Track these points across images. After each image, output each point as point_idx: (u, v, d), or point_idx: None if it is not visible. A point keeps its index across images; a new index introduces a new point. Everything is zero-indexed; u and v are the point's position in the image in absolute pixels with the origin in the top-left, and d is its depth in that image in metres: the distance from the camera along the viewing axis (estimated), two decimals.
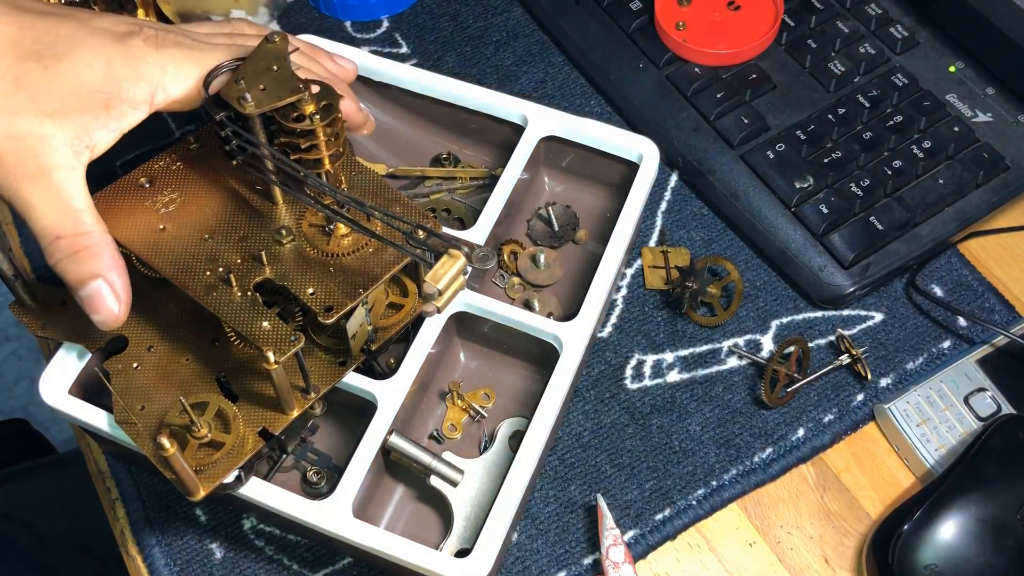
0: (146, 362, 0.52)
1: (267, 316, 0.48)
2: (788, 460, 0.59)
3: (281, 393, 0.49)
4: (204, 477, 0.48)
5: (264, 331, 0.47)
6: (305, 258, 0.50)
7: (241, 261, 0.50)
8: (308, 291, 0.49)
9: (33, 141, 0.46)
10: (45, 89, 0.46)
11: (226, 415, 0.50)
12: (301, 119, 0.48)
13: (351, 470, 0.51)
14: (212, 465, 0.49)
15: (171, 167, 0.54)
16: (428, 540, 0.53)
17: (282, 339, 0.47)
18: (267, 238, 0.51)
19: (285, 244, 0.51)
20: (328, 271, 0.49)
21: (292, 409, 0.50)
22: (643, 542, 0.57)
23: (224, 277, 0.49)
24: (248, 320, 0.48)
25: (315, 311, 0.48)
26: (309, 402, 0.51)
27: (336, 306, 0.48)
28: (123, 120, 0.47)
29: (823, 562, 0.57)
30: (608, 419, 0.60)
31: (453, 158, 0.68)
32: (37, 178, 0.46)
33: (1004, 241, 0.67)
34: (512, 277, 0.64)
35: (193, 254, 0.50)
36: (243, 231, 0.51)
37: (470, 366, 0.62)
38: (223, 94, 0.47)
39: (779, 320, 0.64)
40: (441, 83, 0.64)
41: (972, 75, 0.69)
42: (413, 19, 0.77)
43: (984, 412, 0.59)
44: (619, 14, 0.73)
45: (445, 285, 0.44)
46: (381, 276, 0.49)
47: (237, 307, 0.48)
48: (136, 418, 0.50)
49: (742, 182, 0.66)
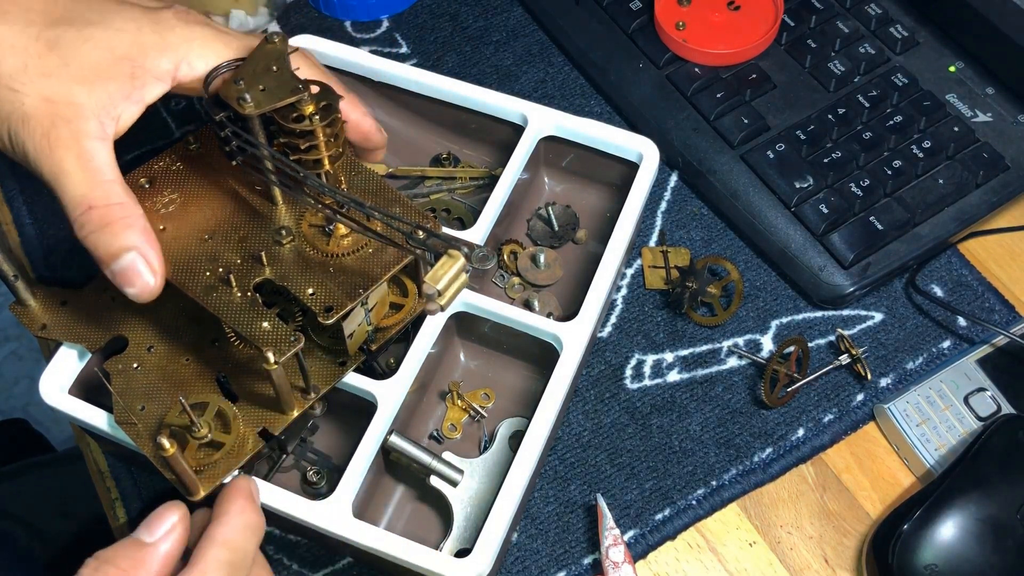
0: (146, 362, 0.52)
1: (267, 316, 0.48)
2: (788, 460, 0.59)
3: (281, 393, 0.49)
4: (204, 477, 0.48)
5: (264, 331, 0.47)
6: (305, 258, 0.50)
7: (241, 261, 0.50)
8: (308, 291, 0.49)
9: (66, 107, 0.45)
10: (75, 53, 0.46)
11: (226, 415, 0.50)
12: (301, 119, 0.48)
13: (351, 470, 0.51)
14: (212, 465, 0.49)
15: (170, 168, 0.53)
16: (428, 540, 0.53)
17: (282, 339, 0.47)
18: (267, 239, 0.51)
19: (285, 244, 0.51)
20: (328, 271, 0.49)
21: (292, 409, 0.50)
22: (643, 542, 0.57)
23: (224, 277, 0.49)
24: (248, 320, 0.48)
25: (315, 311, 0.48)
26: (309, 402, 0.51)
27: (336, 306, 0.48)
28: (147, 91, 0.47)
29: (823, 562, 0.57)
30: (608, 419, 0.60)
31: (453, 158, 0.68)
32: (71, 145, 0.45)
33: (1004, 241, 0.67)
34: (512, 277, 0.64)
35: (193, 255, 0.50)
36: (243, 232, 0.51)
37: (470, 366, 0.62)
38: (222, 94, 0.47)
39: (779, 320, 0.64)
40: (441, 83, 0.64)
41: (972, 75, 0.69)
42: (413, 19, 0.77)
43: (984, 412, 0.59)
44: (619, 14, 0.73)
45: (445, 285, 0.44)
46: (381, 276, 0.49)
47: (237, 308, 0.48)
48: (136, 418, 0.50)
49: (742, 182, 0.66)
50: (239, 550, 0.45)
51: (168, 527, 0.44)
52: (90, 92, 0.46)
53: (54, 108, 0.45)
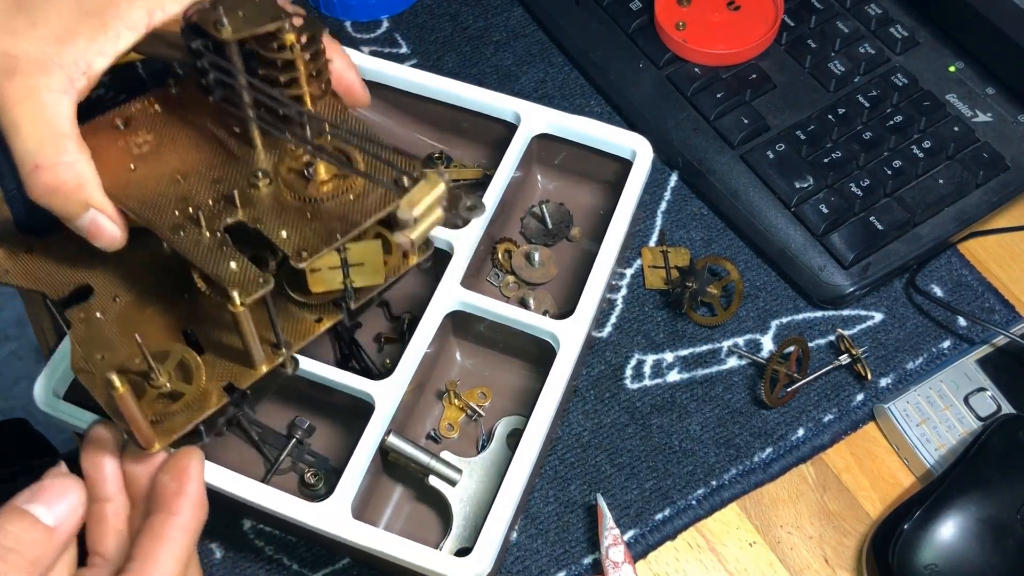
0: (110, 312, 0.49)
1: (235, 258, 0.45)
2: (788, 460, 0.59)
3: (248, 343, 0.46)
4: (161, 430, 0.45)
5: (231, 272, 0.44)
6: (281, 202, 0.47)
7: (212, 202, 0.47)
8: (282, 234, 0.46)
9: (27, 62, 0.44)
10: (44, 13, 0.45)
11: (188, 365, 0.47)
12: (282, 50, 0.45)
13: (349, 471, 0.51)
14: (170, 416, 0.45)
15: (148, 110, 0.51)
16: (427, 540, 0.52)
17: (250, 281, 0.44)
18: (242, 182, 0.48)
19: (261, 188, 0.48)
20: (305, 216, 0.47)
21: (261, 363, 0.47)
22: (643, 542, 0.57)
23: (193, 217, 0.46)
24: (215, 260, 0.45)
25: (287, 254, 0.45)
26: (279, 358, 0.48)
27: (310, 249, 0.45)
28: (120, 41, 0.46)
29: (823, 562, 0.57)
30: (608, 419, 0.60)
31: (445, 157, 0.68)
32: (25, 98, 0.44)
33: (1004, 241, 0.67)
34: (507, 275, 0.64)
35: (163, 194, 0.47)
36: (218, 173, 0.48)
37: (466, 365, 0.62)
38: (199, 20, 0.45)
39: (779, 320, 0.64)
40: (433, 82, 0.63)
41: (972, 75, 0.69)
42: (413, 19, 0.77)
43: (984, 412, 0.59)
44: (619, 14, 0.73)
45: (421, 213, 0.41)
46: (360, 223, 0.46)
47: (204, 247, 0.45)
48: (93, 366, 0.47)
49: (742, 182, 0.66)
50: (190, 547, 0.42)
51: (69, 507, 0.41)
52: (59, 50, 0.45)
53: (15, 63, 0.44)
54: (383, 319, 0.63)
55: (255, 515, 0.57)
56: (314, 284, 0.49)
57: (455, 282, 0.56)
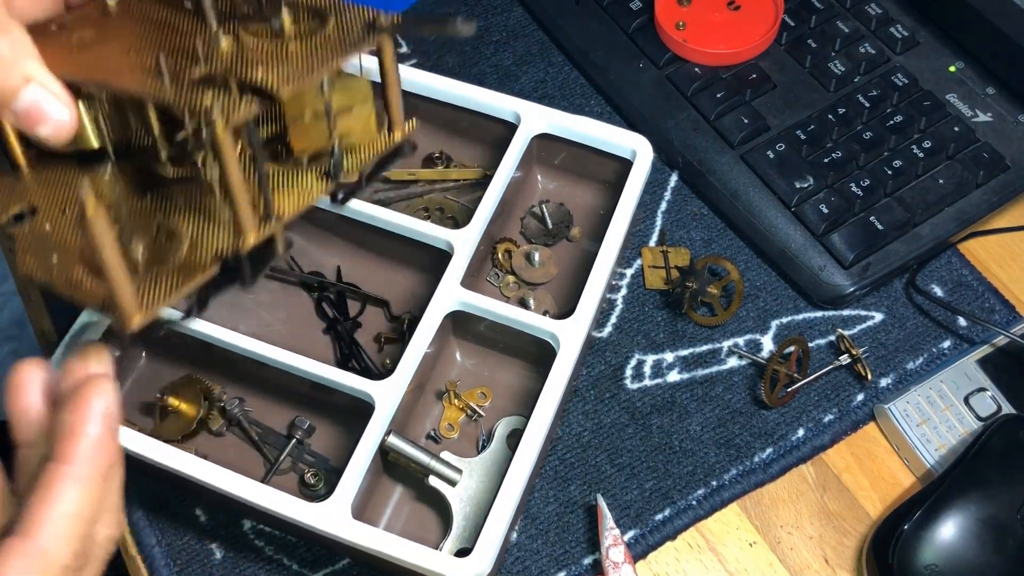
0: (61, 222, 0.42)
1: (211, 91, 0.39)
2: (788, 460, 0.59)
3: (234, 193, 0.40)
4: (146, 298, 0.38)
5: (208, 100, 0.39)
6: (247, 52, 0.41)
7: (173, 60, 0.41)
8: (257, 75, 0.40)
9: None
10: None
11: (174, 232, 0.41)
12: None
13: (349, 471, 0.51)
14: (155, 279, 0.38)
15: (88, 13, 0.45)
16: (428, 540, 0.52)
17: (232, 104, 0.38)
18: (202, 44, 0.42)
19: (223, 44, 0.42)
20: (276, 58, 0.42)
21: (250, 232, 0.41)
22: (643, 542, 0.57)
23: (156, 71, 0.40)
24: (188, 96, 0.39)
25: (269, 86, 0.40)
26: (270, 227, 0.42)
27: (293, 77, 0.40)
28: None
29: (823, 562, 0.57)
30: (608, 419, 0.60)
31: (445, 157, 0.68)
32: None
33: (1004, 241, 0.67)
34: (507, 275, 0.64)
35: (117, 62, 0.41)
36: (172, 44, 0.43)
37: (466, 365, 0.62)
38: None
39: (779, 320, 0.64)
40: (433, 81, 0.63)
41: (972, 75, 0.69)
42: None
43: (984, 412, 0.59)
44: (619, 14, 0.73)
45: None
46: (340, 55, 0.42)
47: (174, 90, 0.39)
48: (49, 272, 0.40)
49: (742, 182, 0.66)
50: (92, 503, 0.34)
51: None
52: None
53: None
54: (383, 319, 0.63)
55: (255, 515, 0.57)
56: (297, 138, 0.44)
57: (455, 282, 0.57)
